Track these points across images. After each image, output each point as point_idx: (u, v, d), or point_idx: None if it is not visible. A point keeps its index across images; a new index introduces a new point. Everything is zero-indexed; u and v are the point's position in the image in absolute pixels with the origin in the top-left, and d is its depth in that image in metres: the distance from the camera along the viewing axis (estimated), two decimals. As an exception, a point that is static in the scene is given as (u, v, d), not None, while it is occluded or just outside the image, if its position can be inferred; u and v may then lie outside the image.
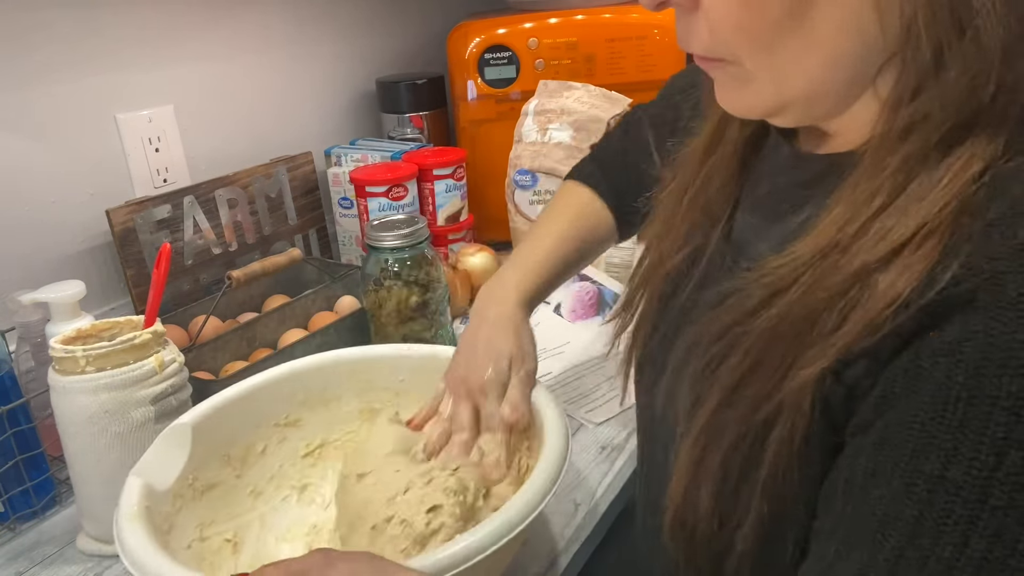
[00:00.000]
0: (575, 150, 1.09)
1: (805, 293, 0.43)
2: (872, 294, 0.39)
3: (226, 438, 0.71)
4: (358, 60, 1.39)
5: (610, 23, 1.22)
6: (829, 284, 0.42)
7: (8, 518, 0.75)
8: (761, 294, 0.45)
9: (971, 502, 0.35)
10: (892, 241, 0.40)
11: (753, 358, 0.45)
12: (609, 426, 0.86)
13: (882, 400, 0.39)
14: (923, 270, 0.38)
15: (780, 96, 0.47)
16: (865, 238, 0.41)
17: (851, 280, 0.41)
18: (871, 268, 0.40)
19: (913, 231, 0.39)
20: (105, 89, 1.01)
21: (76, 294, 0.79)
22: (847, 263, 0.41)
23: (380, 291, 0.93)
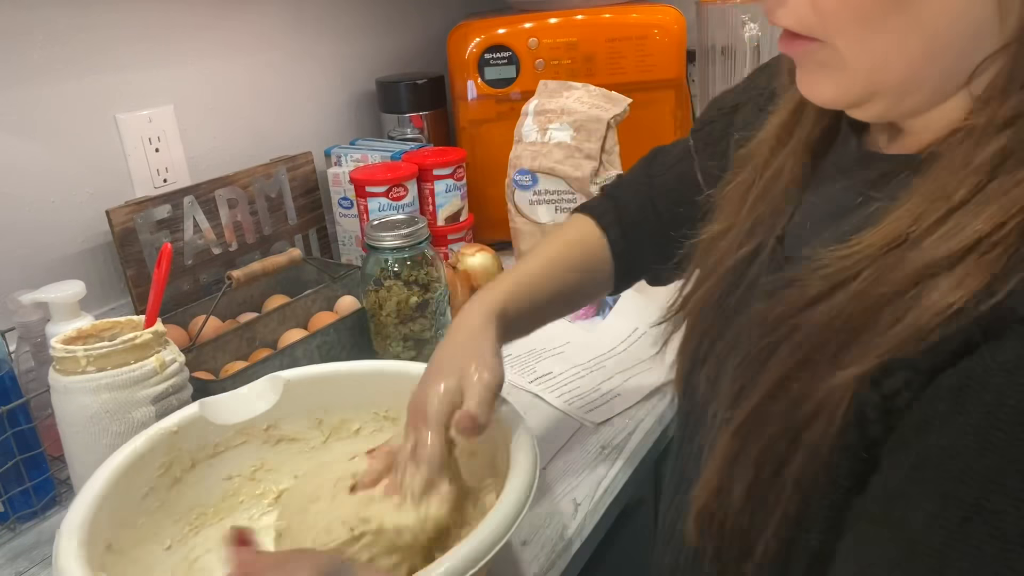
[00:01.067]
0: (575, 150, 1.09)
1: (866, 288, 0.41)
2: (928, 299, 0.38)
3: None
4: (358, 60, 1.39)
5: (610, 23, 1.23)
6: (891, 280, 0.40)
7: (8, 518, 0.75)
8: (820, 286, 0.44)
9: (1009, 539, 0.33)
10: (963, 240, 0.38)
11: (804, 352, 0.43)
12: (609, 426, 0.86)
13: (925, 421, 0.37)
14: (983, 279, 0.36)
15: (871, 84, 0.44)
16: (937, 233, 0.39)
17: (914, 279, 0.39)
18: (936, 268, 0.38)
19: (988, 231, 0.37)
20: (105, 89, 1.01)
21: (76, 294, 0.79)
22: (913, 259, 0.39)
23: (380, 291, 0.93)
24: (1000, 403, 0.34)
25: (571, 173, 1.09)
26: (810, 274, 0.45)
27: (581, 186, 1.09)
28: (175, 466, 0.68)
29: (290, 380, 0.74)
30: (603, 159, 1.10)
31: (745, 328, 0.49)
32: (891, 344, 0.38)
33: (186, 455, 0.69)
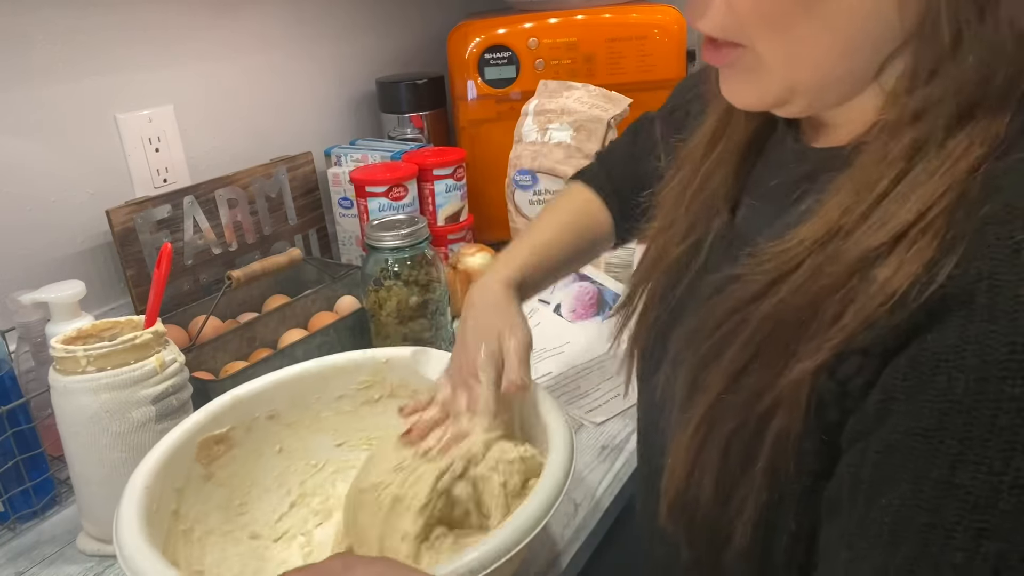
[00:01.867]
0: (575, 150, 1.09)
1: (807, 280, 0.43)
2: (869, 287, 0.39)
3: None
4: (358, 60, 1.39)
5: (610, 23, 1.22)
6: (830, 272, 0.42)
7: (8, 518, 0.75)
8: (763, 280, 0.45)
9: (980, 507, 0.35)
10: (892, 228, 0.40)
11: (755, 345, 0.45)
12: (609, 426, 0.86)
13: (883, 406, 0.39)
14: (920, 265, 0.38)
15: (789, 83, 0.47)
16: (867, 224, 0.41)
17: (852, 269, 0.41)
18: (871, 257, 0.40)
19: (913, 218, 0.39)
20: (105, 89, 1.01)
21: (76, 294, 0.79)
22: (848, 250, 0.41)
23: (380, 291, 0.93)
24: (951, 387, 0.36)
25: (571, 173, 1.09)
26: (753, 269, 0.47)
27: (581, 186, 1.10)
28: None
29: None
30: (603, 159, 1.10)
31: (695, 323, 0.51)
32: (842, 335, 0.40)
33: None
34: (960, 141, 0.40)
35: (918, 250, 0.38)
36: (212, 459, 0.70)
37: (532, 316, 1.10)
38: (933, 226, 0.38)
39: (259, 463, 0.74)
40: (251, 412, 0.74)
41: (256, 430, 0.74)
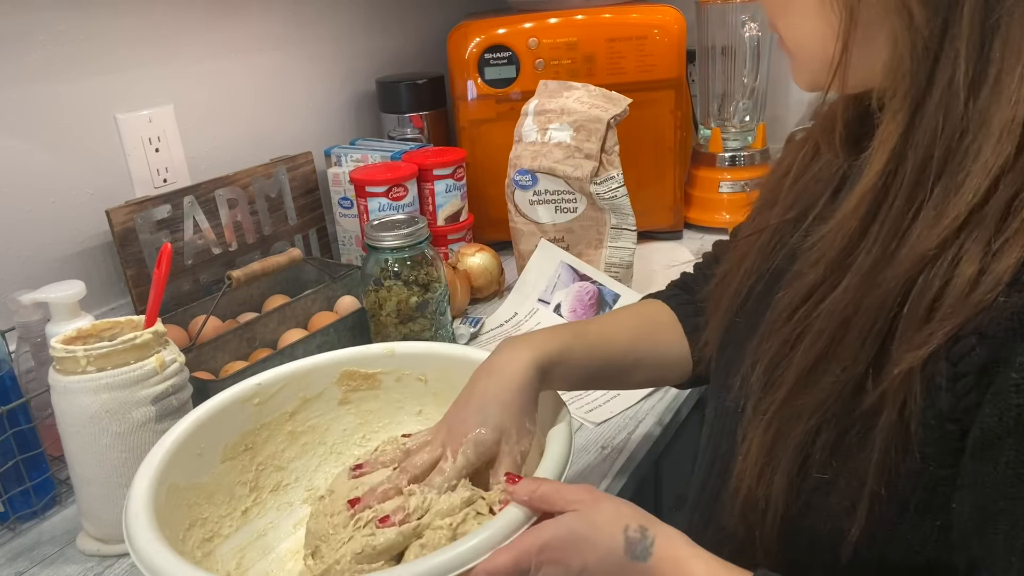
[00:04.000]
0: (575, 150, 1.09)
1: (869, 278, 0.44)
2: (958, 276, 0.40)
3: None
4: (358, 60, 1.39)
5: (610, 23, 1.22)
6: (893, 270, 0.43)
7: (8, 518, 0.75)
8: (813, 275, 0.47)
9: None
10: (950, 220, 0.41)
11: (824, 344, 0.46)
12: (609, 426, 0.86)
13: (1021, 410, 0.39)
14: (1006, 264, 0.39)
15: (807, 63, 0.49)
16: (917, 216, 0.43)
17: (917, 264, 0.42)
18: (937, 250, 0.41)
19: (978, 201, 0.40)
20: (105, 89, 1.01)
21: (76, 294, 0.79)
22: (902, 245, 0.43)
23: (380, 291, 0.93)
24: None
25: (571, 173, 1.09)
26: (804, 261, 0.48)
27: (581, 186, 1.09)
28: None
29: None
30: (603, 159, 1.10)
31: (771, 320, 0.52)
32: (953, 323, 0.40)
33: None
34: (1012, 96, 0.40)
35: (1012, 239, 0.39)
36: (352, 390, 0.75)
37: (532, 315, 1.10)
38: (1015, 210, 0.39)
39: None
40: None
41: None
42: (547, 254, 1.13)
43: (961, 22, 0.41)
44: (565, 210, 1.13)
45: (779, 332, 0.49)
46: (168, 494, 0.62)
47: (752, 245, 0.59)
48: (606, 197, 1.10)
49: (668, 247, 1.33)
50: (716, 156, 1.36)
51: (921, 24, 0.42)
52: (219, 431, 0.69)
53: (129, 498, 0.59)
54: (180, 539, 0.62)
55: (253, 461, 0.72)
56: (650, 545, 0.48)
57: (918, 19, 0.42)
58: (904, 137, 0.44)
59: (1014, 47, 0.40)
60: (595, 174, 1.09)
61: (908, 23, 0.42)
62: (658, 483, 0.98)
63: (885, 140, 0.44)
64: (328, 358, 0.76)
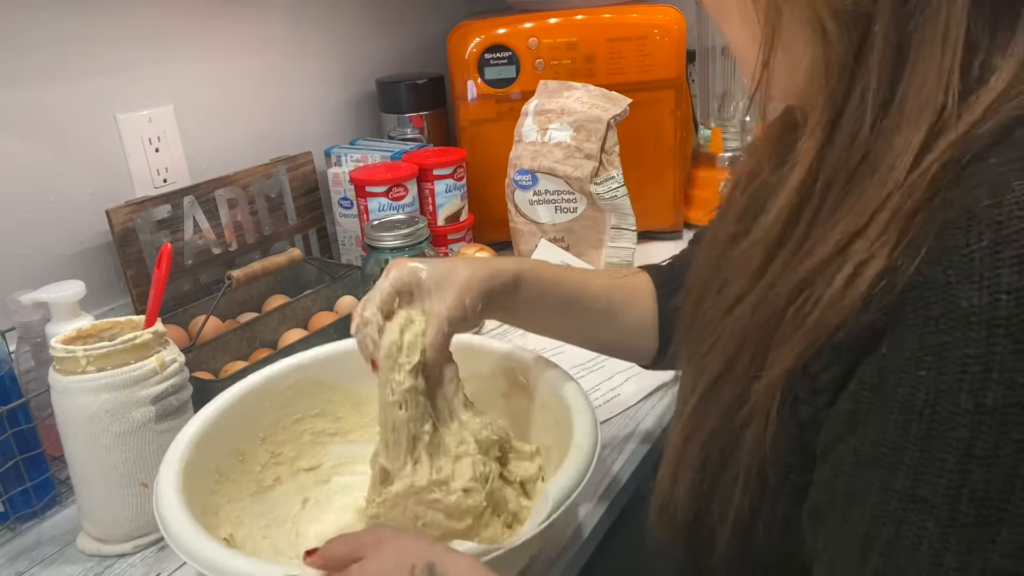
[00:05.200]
0: (575, 150, 1.10)
1: (767, 293, 0.44)
2: (829, 293, 0.40)
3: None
4: (358, 60, 1.39)
5: (610, 23, 1.22)
6: (785, 284, 0.43)
7: (8, 518, 0.75)
8: (738, 285, 0.48)
9: (941, 520, 0.35)
10: (840, 236, 0.41)
11: (728, 355, 0.47)
12: (609, 426, 0.86)
13: (852, 415, 0.40)
14: (880, 269, 0.38)
15: (744, 68, 0.49)
16: (814, 232, 0.43)
17: (804, 280, 0.42)
18: (824, 264, 0.41)
19: (863, 223, 0.40)
20: (105, 89, 1.01)
21: (76, 294, 0.79)
22: (799, 264, 0.43)
23: (380, 291, 0.93)
24: (912, 399, 0.36)
25: (571, 173, 1.09)
26: (732, 273, 0.49)
27: (581, 186, 1.10)
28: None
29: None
30: (603, 159, 1.10)
31: (701, 329, 0.53)
32: (808, 339, 0.41)
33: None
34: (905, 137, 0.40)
35: (876, 254, 0.39)
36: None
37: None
38: (890, 229, 0.39)
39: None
40: None
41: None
42: (547, 254, 1.13)
43: (874, 40, 0.41)
44: (565, 210, 1.13)
45: (704, 339, 0.51)
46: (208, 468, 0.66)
47: (707, 257, 0.59)
48: (606, 197, 1.10)
49: (668, 247, 1.33)
50: (716, 156, 1.36)
51: (834, 40, 0.42)
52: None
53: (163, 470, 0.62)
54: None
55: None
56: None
57: (831, 34, 0.42)
58: (819, 154, 0.44)
59: (920, 68, 0.40)
60: (595, 174, 1.09)
61: (822, 38, 0.42)
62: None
63: (802, 157, 0.44)
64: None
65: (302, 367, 0.76)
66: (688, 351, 0.57)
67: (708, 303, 0.55)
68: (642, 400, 0.90)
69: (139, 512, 0.71)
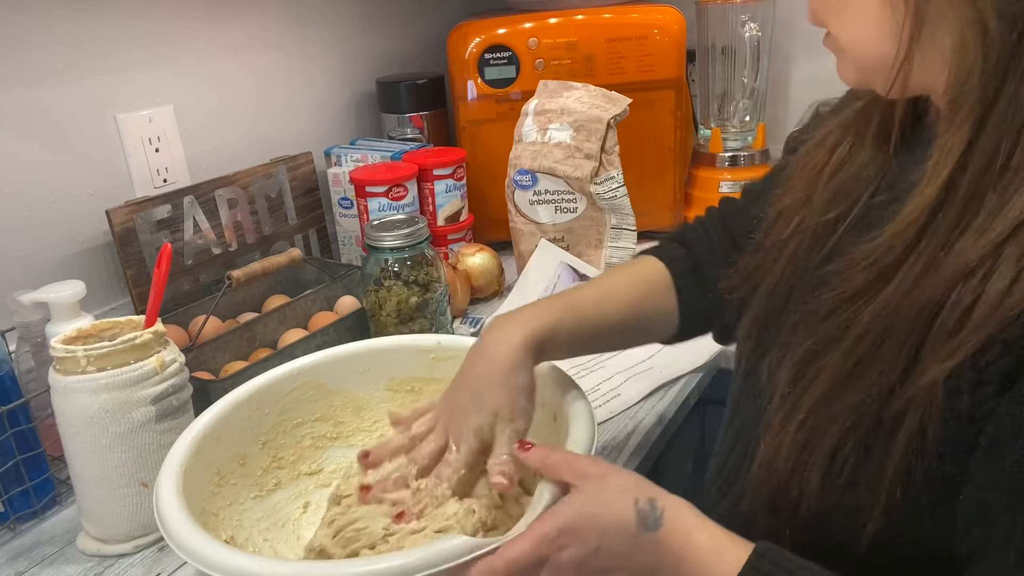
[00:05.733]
0: (575, 150, 1.09)
1: (913, 286, 0.44)
2: (997, 286, 0.41)
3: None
4: (358, 60, 1.39)
5: (610, 23, 1.22)
6: (935, 280, 0.43)
7: (8, 518, 0.75)
8: (862, 278, 0.47)
9: None
10: (993, 236, 0.42)
11: (866, 348, 0.46)
12: (609, 426, 0.86)
13: (1019, 409, 0.40)
14: None
15: (859, 63, 0.49)
16: (960, 229, 0.43)
17: (957, 277, 0.42)
18: (977, 264, 0.42)
19: (1017, 223, 0.41)
20: (105, 89, 1.01)
21: (76, 294, 0.79)
22: (948, 261, 0.43)
23: (380, 291, 0.93)
24: None
25: (571, 173, 1.09)
26: (852, 266, 0.48)
27: (581, 186, 1.10)
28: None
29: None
30: (603, 159, 1.10)
31: (802, 313, 0.52)
32: (979, 336, 0.41)
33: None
34: None
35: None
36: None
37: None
38: None
39: None
40: None
41: None
42: (547, 254, 1.13)
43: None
44: (565, 210, 1.13)
45: (815, 329, 0.50)
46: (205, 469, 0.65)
47: (791, 242, 0.59)
48: (606, 197, 1.10)
49: (668, 247, 1.33)
50: (716, 156, 1.36)
51: (995, 37, 0.42)
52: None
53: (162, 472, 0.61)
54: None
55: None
56: (660, 516, 0.50)
57: (993, 32, 0.42)
58: (967, 150, 0.44)
59: None
60: (595, 174, 1.09)
61: (982, 34, 0.42)
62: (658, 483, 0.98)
63: (948, 152, 0.44)
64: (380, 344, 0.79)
65: (304, 371, 0.76)
66: (772, 334, 0.57)
67: (799, 290, 0.55)
68: (642, 400, 0.90)
69: (139, 512, 0.71)
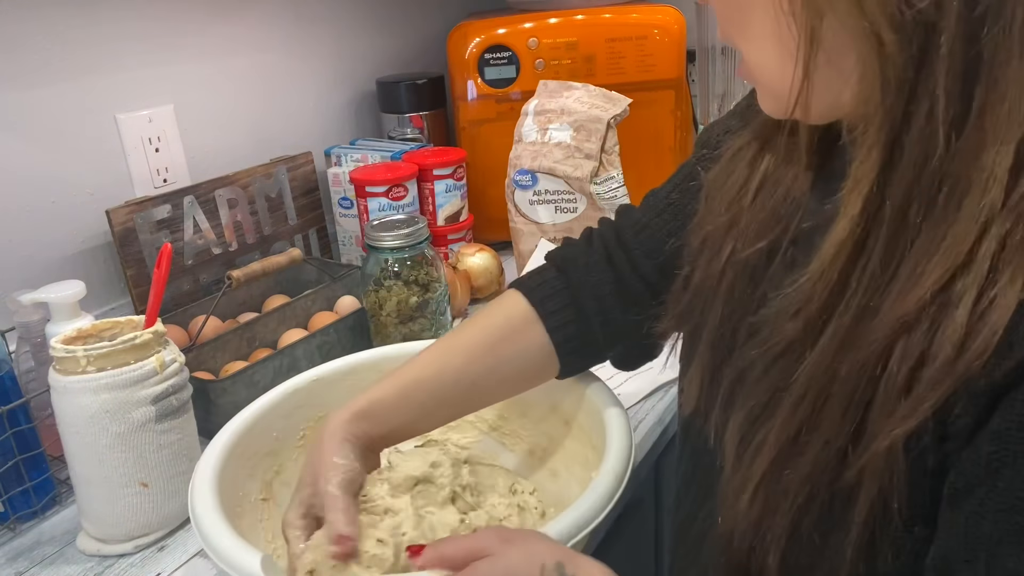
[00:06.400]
0: (575, 150, 1.09)
1: (847, 340, 0.40)
2: (951, 337, 0.36)
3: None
4: (358, 60, 1.39)
5: (610, 23, 1.22)
6: (872, 332, 0.39)
7: (8, 518, 0.75)
8: (790, 330, 0.43)
9: None
10: (932, 280, 0.37)
11: (805, 413, 0.42)
12: (609, 426, 0.86)
13: (997, 458, 0.36)
14: (1011, 308, 0.35)
15: (772, 90, 0.45)
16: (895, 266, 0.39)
17: (897, 328, 0.38)
18: (916, 312, 0.37)
19: (965, 252, 0.36)
20: (105, 89, 1.01)
21: (76, 294, 0.79)
22: (882, 303, 0.39)
23: (380, 291, 0.93)
24: None
25: (571, 173, 1.09)
26: (780, 314, 0.44)
27: (581, 186, 1.09)
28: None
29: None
30: (603, 159, 1.10)
31: (738, 373, 0.48)
32: (937, 394, 0.37)
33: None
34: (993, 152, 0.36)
35: (1001, 292, 0.35)
36: None
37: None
38: (1004, 261, 0.36)
39: None
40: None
41: None
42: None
43: (939, 51, 0.37)
44: (565, 210, 1.13)
45: (753, 390, 0.46)
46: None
47: (724, 278, 0.53)
48: (606, 197, 1.10)
49: (668, 247, 1.33)
50: (716, 156, 1.36)
51: (893, 52, 0.37)
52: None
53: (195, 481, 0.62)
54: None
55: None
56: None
57: (889, 47, 0.37)
58: (880, 177, 0.39)
59: (1000, 80, 0.36)
60: (595, 174, 1.09)
61: (877, 50, 0.38)
62: (658, 483, 0.98)
63: (860, 180, 0.40)
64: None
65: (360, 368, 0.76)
66: (715, 395, 0.52)
67: (740, 338, 0.50)
68: (642, 400, 0.90)
69: (139, 512, 0.71)
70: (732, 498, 0.47)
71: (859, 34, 0.38)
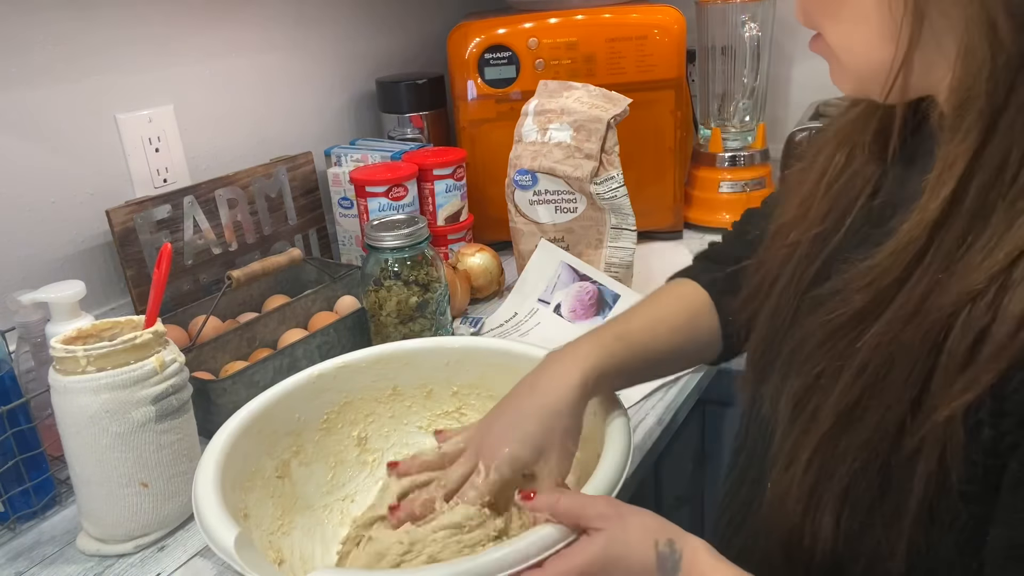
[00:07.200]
0: (575, 150, 1.09)
1: (916, 311, 0.41)
2: (1004, 314, 0.37)
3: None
4: (358, 60, 1.39)
5: (610, 23, 1.22)
6: (940, 303, 0.40)
7: (8, 518, 0.75)
8: (859, 300, 0.44)
9: None
10: (1001, 256, 0.38)
11: (868, 380, 0.43)
12: (609, 426, 0.86)
13: None
14: None
15: (853, 69, 0.46)
16: (969, 242, 0.40)
17: (964, 300, 0.39)
18: (985, 285, 0.38)
19: (1020, 244, 0.38)
20: (105, 89, 1.01)
21: (76, 294, 0.79)
22: (952, 284, 0.40)
23: (380, 291, 0.93)
24: None
25: (571, 173, 1.09)
26: (849, 285, 0.45)
27: (581, 186, 1.09)
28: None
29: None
30: (603, 159, 1.10)
31: (799, 343, 0.49)
32: (997, 368, 0.38)
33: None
34: None
35: None
36: None
37: (532, 315, 1.10)
38: None
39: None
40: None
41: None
42: (547, 254, 1.13)
43: None
44: (565, 210, 1.13)
45: (812, 357, 0.47)
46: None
47: (790, 255, 0.55)
48: (606, 197, 1.10)
49: (668, 247, 1.33)
50: (716, 156, 1.36)
51: (1005, 37, 0.39)
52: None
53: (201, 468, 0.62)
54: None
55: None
56: (679, 560, 0.48)
57: (1002, 31, 0.39)
58: (973, 161, 0.40)
59: None
60: (595, 174, 1.09)
61: (990, 35, 0.39)
62: (658, 483, 0.98)
63: (953, 163, 0.41)
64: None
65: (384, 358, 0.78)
66: (773, 356, 0.54)
67: (803, 310, 0.52)
68: (642, 400, 0.90)
69: (139, 512, 0.71)
70: (784, 465, 0.48)
71: (973, 18, 0.39)
